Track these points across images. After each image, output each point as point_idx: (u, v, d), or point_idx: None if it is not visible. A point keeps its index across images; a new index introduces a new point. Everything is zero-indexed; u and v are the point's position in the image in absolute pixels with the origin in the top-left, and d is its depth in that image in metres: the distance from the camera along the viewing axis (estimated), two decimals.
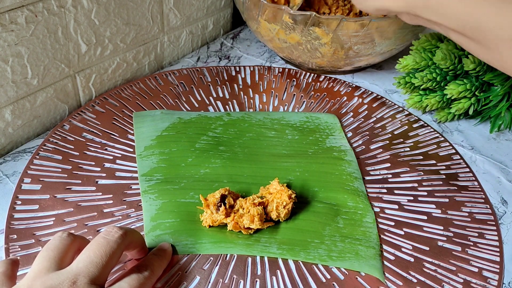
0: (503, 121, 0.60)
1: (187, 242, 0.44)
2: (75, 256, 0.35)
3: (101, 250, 0.34)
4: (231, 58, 0.73)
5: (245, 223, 0.44)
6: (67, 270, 0.33)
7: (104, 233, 0.36)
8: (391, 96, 0.67)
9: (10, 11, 0.48)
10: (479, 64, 0.57)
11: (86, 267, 0.33)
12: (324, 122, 0.60)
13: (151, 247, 0.42)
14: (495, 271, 0.43)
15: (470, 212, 0.49)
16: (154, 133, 0.55)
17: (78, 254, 0.35)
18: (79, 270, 0.33)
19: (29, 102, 0.55)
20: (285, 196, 0.45)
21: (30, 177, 0.49)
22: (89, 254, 0.34)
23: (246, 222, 0.44)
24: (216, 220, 0.44)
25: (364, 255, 0.43)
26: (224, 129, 0.57)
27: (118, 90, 0.62)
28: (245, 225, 0.44)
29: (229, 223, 0.44)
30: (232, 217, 0.44)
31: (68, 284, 0.32)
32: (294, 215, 0.47)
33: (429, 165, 0.54)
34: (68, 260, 0.35)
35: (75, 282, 0.32)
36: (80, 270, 0.33)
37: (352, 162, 0.54)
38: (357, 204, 0.48)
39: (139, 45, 0.65)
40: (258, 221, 0.44)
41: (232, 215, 0.44)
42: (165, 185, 0.49)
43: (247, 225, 0.44)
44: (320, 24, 0.59)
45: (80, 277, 0.33)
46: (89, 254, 0.34)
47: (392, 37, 0.62)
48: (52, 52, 0.54)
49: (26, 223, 0.44)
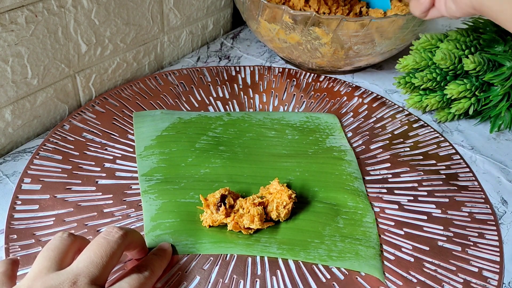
0: (503, 121, 0.60)
1: (187, 242, 0.44)
2: (75, 257, 0.35)
3: (101, 250, 0.34)
4: (231, 58, 0.73)
5: (245, 223, 0.44)
6: (67, 270, 0.33)
7: (104, 233, 0.36)
8: (391, 96, 0.67)
9: (10, 11, 0.48)
10: (479, 64, 0.57)
11: (86, 267, 0.33)
12: (324, 122, 0.59)
13: (151, 247, 0.42)
14: (495, 271, 0.43)
15: (470, 212, 0.49)
16: (154, 133, 0.55)
17: (79, 255, 0.35)
18: (79, 270, 0.33)
19: (29, 102, 0.55)
20: (285, 196, 0.45)
21: (30, 177, 0.49)
22: (89, 255, 0.34)
23: (246, 222, 0.44)
24: (216, 220, 0.44)
25: (364, 255, 0.43)
26: (224, 129, 0.57)
27: (118, 90, 0.62)
28: (245, 225, 0.44)
29: (229, 223, 0.44)
30: (232, 217, 0.44)
31: (68, 284, 0.32)
32: (294, 215, 0.47)
33: (429, 165, 0.54)
34: (69, 260, 0.35)
35: (76, 283, 0.32)
36: (81, 270, 0.33)
37: (352, 162, 0.54)
38: (357, 204, 0.48)
39: (139, 45, 0.65)
40: (258, 221, 0.44)
41: (232, 215, 0.44)
42: (165, 185, 0.49)
43: (247, 225, 0.44)
44: (320, 24, 0.59)
45: (81, 277, 0.33)
46: (90, 254, 0.34)
47: (392, 37, 0.62)
48: (52, 52, 0.54)
49: (26, 223, 0.44)
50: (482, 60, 0.57)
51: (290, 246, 0.44)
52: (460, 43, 0.59)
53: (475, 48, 0.60)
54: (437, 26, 0.84)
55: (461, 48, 0.59)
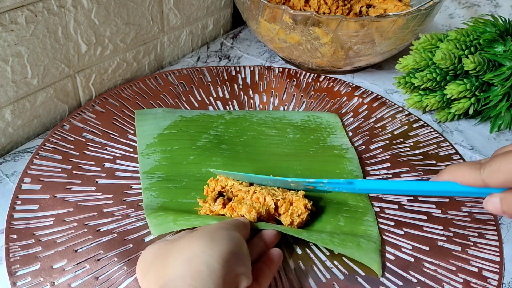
0: (503, 121, 0.60)
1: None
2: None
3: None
4: (231, 58, 0.73)
5: (243, 212, 0.43)
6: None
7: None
8: (391, 96, 0.67)
9: (10, 11, 0.48)
10: (479, 64, 0.57)
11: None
12: (325, 121, 0.60)
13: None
14: (495, 271, 0.43)
15: (470, 212, 0.49)
16: (155, 131, 0.55)
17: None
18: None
19: (29, 102, 0.54)
20: (301, 205, 0.45)
21: (30, 177, 0.49)
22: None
23: (244, 210, 0.43)
24: (213, 211, 0.45)
25: (365, 247, 0.43)
26: (226, 128, 0.57)
27: (118, 90, 0.62)
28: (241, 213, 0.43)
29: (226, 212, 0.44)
30: (230, 205, 0.44)
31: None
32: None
33: (429, 165, 0.54)
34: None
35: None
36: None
37: (353, 160, 0.54)
38: (357, 203, 0.48)
39: (139, 45, 0.65)
40: (254, 214, 0.43)
41: (230, 203, 0.44)
42: (166, 183, 0.49)
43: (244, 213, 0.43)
44: (320, 24, 0.59)
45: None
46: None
47: (392, 37, 0.62)
48: (52, 52, 0.54)
49: (26, 223, 0.44)
50: (482, 60, 0.57)
51: (292, 229, 0.44)
52: (460, 43, 0.59)
53: (475, 48, 0.60)
54: (437, 26, 0.84)
55: (461, 48, 0.59)
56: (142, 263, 0.36)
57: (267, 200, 0.45)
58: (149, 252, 0.36)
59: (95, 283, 0.40)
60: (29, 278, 0.40)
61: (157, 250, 0.36)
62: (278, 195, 0.45)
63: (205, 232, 0.36)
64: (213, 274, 0.32)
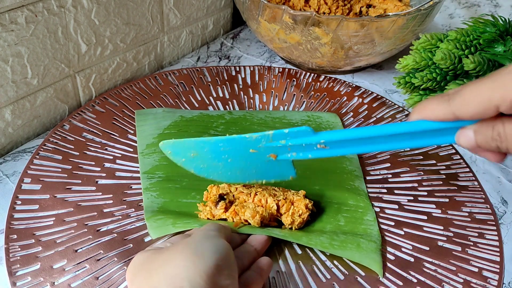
0: None
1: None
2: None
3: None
4: (231, 58, 0.73)
5: (246, 216, 0.43)
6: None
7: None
8: (391, 96, 0.67)
9: (10, 11, 0.48)
10: (479, 64, 0.57)
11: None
12: (325, 121, 0.60)
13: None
14: (495, 271, 0.43)
15: (470, 212, 0.49)
16: (156, 131, 0.55)
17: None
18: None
19: (29, 102, 0.54)
20: (302, 206, 0.45)
21: (30, 177, 0.49)
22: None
23: (248, 215, 0.43)
24: (215, 215, 0.44)
25: (365, 248, 0.43)
26: (226, 128, 0.57)
27: (118, 90, 0.62)
28: (245, 218, 0.43)
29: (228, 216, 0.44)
30: (233, 208, 0.44)
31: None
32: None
33: (429, 165, 0.54)
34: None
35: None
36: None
37: (352, 159, 0.54)
38: (357, 203, 0.48)
39: (139, 45, 0.65)
40: (258, 219, 0.43)
41: (233, 207, 0.44)
42: (166, 184, 0.49)
43: (248, 218, 0.43)
44: (320, 24, 0.59)
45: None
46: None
47: (392, 37, 0.62)
48: (52, 52, 0.54)
49: (26, 223, 0.44)
50: (482, 60, 0.57)
51: (292, 233, 0.44)
52: (460, 43, 0.59)
53: (475, 48, 0.60)
54: (437, 26, 0.84)
55: (461, 48, 0.59)
56: (131, 270, 0.35)
57: (269, 201, 0.45)
58: (138, 259, 0.35)
59: (95, 283, 0.40)
60: (29, 278, 0.40)
61: (145, 258, 0.35)
62: (279, 196, 0.45)
63: (190, 244, 0.34)
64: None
